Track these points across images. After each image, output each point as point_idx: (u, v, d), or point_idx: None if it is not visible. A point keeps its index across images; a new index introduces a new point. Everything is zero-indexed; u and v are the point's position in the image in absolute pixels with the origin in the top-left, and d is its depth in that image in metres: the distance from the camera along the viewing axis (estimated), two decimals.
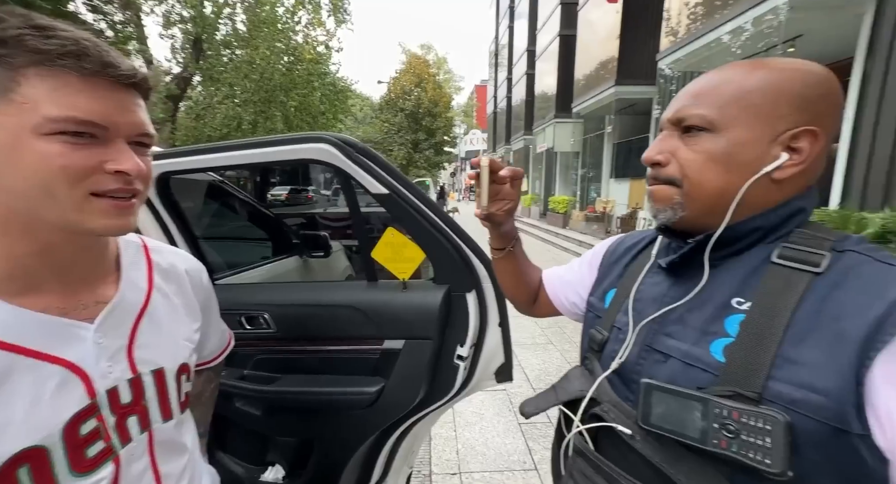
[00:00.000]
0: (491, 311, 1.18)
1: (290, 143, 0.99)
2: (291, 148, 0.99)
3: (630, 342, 0.55)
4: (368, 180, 1.02)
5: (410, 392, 1.12)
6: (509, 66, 20.88)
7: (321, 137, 0.98)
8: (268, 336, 1.23)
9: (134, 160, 0.47)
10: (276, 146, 1.00)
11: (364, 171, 1.00)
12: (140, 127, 0.48)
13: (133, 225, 0.50)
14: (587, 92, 10.37)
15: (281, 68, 12.69)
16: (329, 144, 0.97)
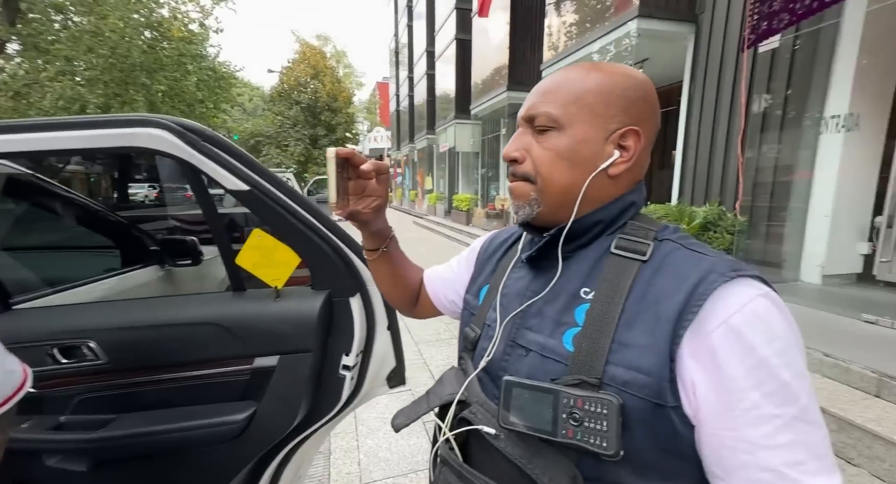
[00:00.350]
0: (378, 314, 1.11)
1: (110, 126, 0.78)
2: (111, 133, 0.79)
3: (497, 338, 0.55)
4: (223, 175, 0.86)
5: (288, 414, 1.00)
6: (410, 65, 20.94)
7: (153, 121, 0.79)
8: (95, 369, 0.98)
9: None
10: (88, 129, 0.78)
11: (216, 163, 0.85)
12: None
13: None
14: (483, 95, 10.93)
15: (141, 44, 10.76)
16: (164, 130, 0.79)
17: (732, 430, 0.39)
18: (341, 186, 0.55)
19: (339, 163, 0.55)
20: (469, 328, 0.62)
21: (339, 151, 0.56)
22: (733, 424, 0.39)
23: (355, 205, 0.61)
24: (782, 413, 0.38)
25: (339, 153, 0.56)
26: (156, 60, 11.21)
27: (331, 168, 0.50)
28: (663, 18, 4.73)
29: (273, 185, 0.91)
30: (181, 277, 2.08)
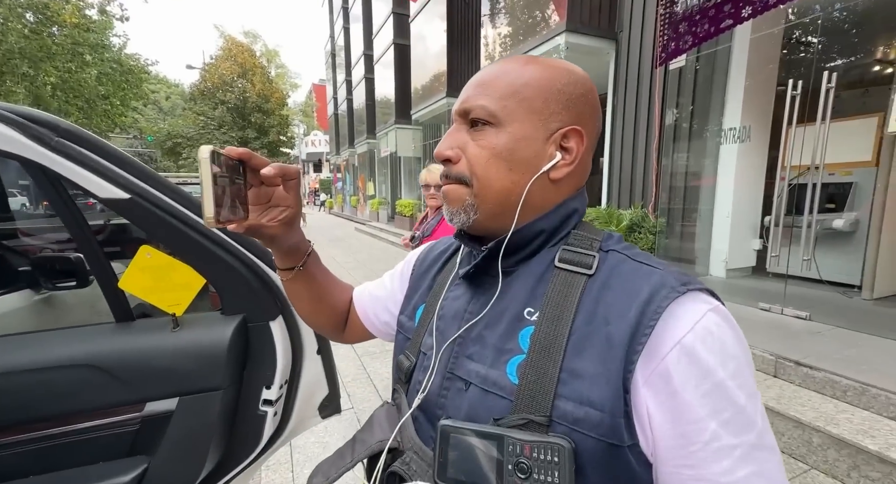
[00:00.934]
0: (306, 338, 0.98)
1: None
2: None
3: (433, 369, 0.47)
4: (90, 180, 0.68)
5: (191, 467, 0.82)
6: (347, 67, 20.38)
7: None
8: None
9: None
10: None
11: (79, 165, 0.67)
12: None
13: None
14: (423, 100, 10.93)
15: (21, 28, 9.22)
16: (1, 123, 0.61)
17: (692, 467, 0.35)
18: (231, 195, 0.43)
19: (230, 167, 0.44)
20: (403, 355, 0.54)
21: (229, 151, 0.44)
22: (693, 461, 0.35)
23: (258, 218, 0.50)
24: (741, 442, 0.35)
25: (232, 153, 0.44)
26: (41, 48, 9.69)
27: (205, 172, 0.38)
28: (588, 34, 5.06)
29: (163, 192, 0.75)
30: (64, 304, 1.73)
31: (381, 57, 14.54)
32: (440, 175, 0.50)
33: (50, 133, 0.64)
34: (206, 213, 0.38)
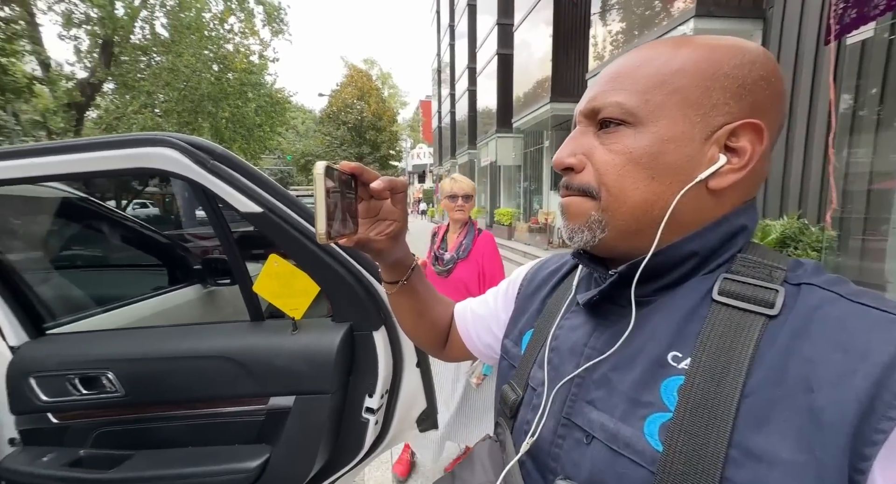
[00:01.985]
0: (406, 350, 0.98)
1: (117, 146, 0.73)
2: (119, 154, 0.74)
3: (545, 411, 0.40)
4: (234, 196, 0.78)
5: (304, 461, 0.88)
6: (452, 82, 21.32)
7: (161, 140, 0.73)
8: (113, 402, 0.93)
9: None
10: (99, 151, 0.73)
11: (227, 184, 0.77)
12: None
13: None
14: (525, 108, 10.77)
15: (209, 77, 11.83)
16: (171, 148, 0.73)
17: None
18: (342, 209, 0.42)
19: (343, 181, 0.43)
20: (508, 386, 0.47)
21: (343, 166, 0.44)
22: None
23: (367, 231, 0.49)
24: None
25: (345, 168, 0.44)
26: (221, 90, 12.24)
27: (319, 188, 0.38)
28: (726, 16, 4.34)
29: (289, 207, 0.82)
30: (223, 297, 2.09)
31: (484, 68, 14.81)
32: (561, 185, 0.42)
33: (207, 157, 0.76)
34: (318, 229, 0.37)
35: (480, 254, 1.79)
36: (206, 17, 11.90)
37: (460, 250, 1.77)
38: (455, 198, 1.77)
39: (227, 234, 0.89)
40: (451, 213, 1.79)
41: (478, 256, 1.78)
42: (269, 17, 13.15)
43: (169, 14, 11.34)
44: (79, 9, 10.08)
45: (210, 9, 12.02)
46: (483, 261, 1.77)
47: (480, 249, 1.80)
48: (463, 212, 1.80)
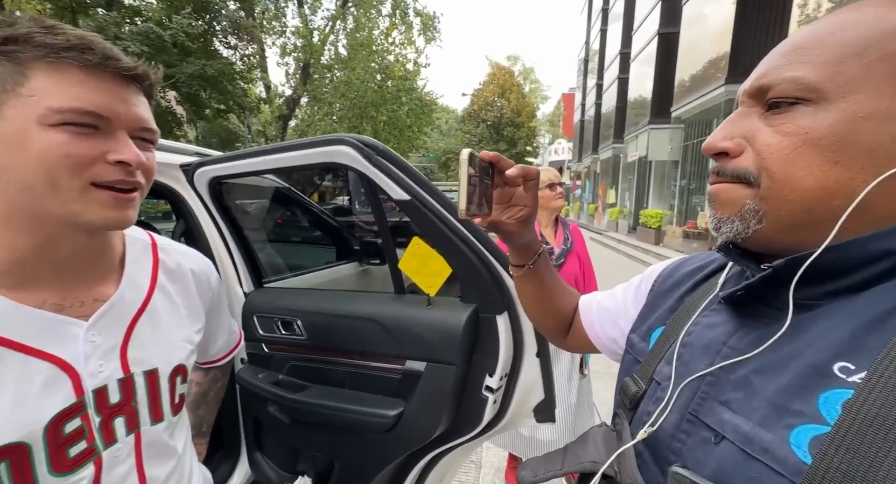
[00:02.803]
0: (527, 338, 1.00)
1: (312, 146, 0.96)
2: (313, 151, 0.96)
3: (668, 404, 0.39)
4: (389, 185, 0.93)
5: (431, 421, 1.00)
6: (600, 71, 19.78)
7: (341, 139, 0.93)
8: (299, 343, 1.22)
9: (134, 150, 0.46)
10: (299, 150, 0.98)
11: (385, 174, 0.92)
12: (142, 121, 0.48)
13: (133, 219, 0.49)
14: (690, 93, 9.27)
15: (373, 86, 13.71)
16: (348, 146, 0.92)
17: None
18: (479, 193, 0.48)
19: (482, 168, 0.49)
20: (630, 379, 0.47)
21: (483, 155, 0.50)
22: None
23: (499, 215, 0.54)
24: None
25: (484, 156, 0.50)
26: (381, 97, 14.07)
27: (463, 172, 0.44)
28: None
29: (431, 196, 0.93)
30: (373, 274, 2.47)
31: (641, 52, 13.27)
32: (710, 171, 0.39)
33: (372, 152, 0.92)
34: (460, 206, 0.44)
35: (580, 244, 1.75)
36: (374, 34, 13.81)
37: (567, 242, 1.71)
38: (554, 186, 1.73)
39: (383, 219, 1.06)
40: (552, 201, 1.71)
41: (579, 247, 1.74)
42: (424, 26, 14.45)
43: (348, 35, 13.55)
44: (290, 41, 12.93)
45: (378, 25, 13.89)
46: (581, 251, 1.74)
47: (579, 239, 1.76)
48: (563, 199, 1.77)
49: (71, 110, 0.42)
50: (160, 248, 0.63)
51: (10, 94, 0.42)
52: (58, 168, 0.42)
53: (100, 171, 0.44)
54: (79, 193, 0.44)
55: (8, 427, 0.43)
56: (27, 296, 0.46)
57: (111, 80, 0.45)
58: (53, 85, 0.42)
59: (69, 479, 0.47)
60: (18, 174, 0.43)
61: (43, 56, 0.42)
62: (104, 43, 0.45)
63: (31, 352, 0.45)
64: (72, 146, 0.43)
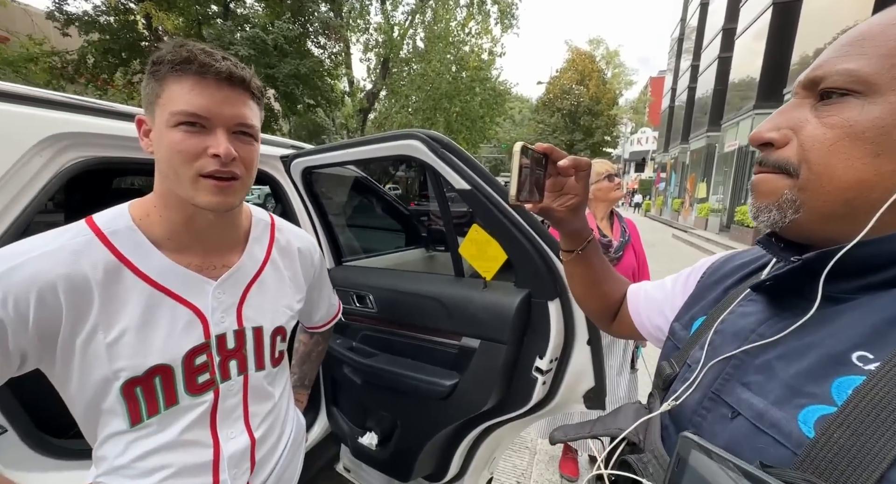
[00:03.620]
0: (578, 325, 1.04)
1: (387, 140, 1.08)
2: (388, 145, 1.08)
3: (694, 382, 0.43)
4: (452, 176, 1.02)
5: (482, 394, 1.09)
6: (696, 51, 17.71)
7: (411, 134, 1.03)
8: (371, 315, 1.38)
9: (226, 145, 0.55)
10: (376, 144, 1.11)
11: (448, 166, 1.01)
12: (237, 118, 0.57)
13: (233, 203, 0.59)
14: None
15: (448, 78, 13.86)
16: (417, 140, 1.02)
17: None
18: (531, 182, 0.54)
19: (535, 158, 0.55)
20: (666, 363, 0.50)
21: (537, 146, 0.56)
22: None
23: (550, 202, 0.60)
24: None
25: (538, 148, 0.56)
26: (455, 89, 14.18)
27: (515, 162, 0.51)
28: None
29: (490, 186, 1.00)
30: (437, 259, 2.61)
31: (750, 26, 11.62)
32: (755, 161, 0.41)
33: (438, 145, 1.02)
34: (511, 193, 0.51)
35: (636, 238, 1.74)
36: (451, 26, 13.89)
37: (625, 235, 1.70)
38: (612, 177, 1.69)
39: (447, 208, 1.17)
40: (610, 192, 1.68)
41: (635, 241, 1.72)
42: (502, 14, 14.15)
43: (426, 28, 13.82)
44: (373, 37, 13.59)
45: (456, 16, 13.93)
46: (637, 244, 1.73)
47: (634, 233, 1.74)
48: (621, 190, 1.74)
49: (180, 113, 0.53)
50: (277, 227, 0.76)
51: (156, 105, 0.55)
52: (176, 160, 0.54)
53: (203, 163, 0.55)
54: (191, 181, 0.55)
55: (162, 352, 0.58)
56: (180, 258, 0.60)
57: (213, 85, 0.54)
58: (174, 93, 0.53)
59: (197, 399, 0.62)
60: (161, 164, 0.56)
61: (170, 70, 0.53)
62: (207, 52, 0.54)
63: (179, 299, 0.60)
64: (183, 143, 0.53)
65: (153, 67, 0.55)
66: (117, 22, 8.66)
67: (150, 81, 0.56)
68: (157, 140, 0.56)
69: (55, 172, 0.87)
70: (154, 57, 0.55)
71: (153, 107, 0.56)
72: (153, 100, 0.55)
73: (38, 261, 0.51)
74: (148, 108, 0.57)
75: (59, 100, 0.93)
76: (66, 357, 0.54)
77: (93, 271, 0.54)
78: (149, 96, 0.56)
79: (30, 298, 0.50)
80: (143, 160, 1.04)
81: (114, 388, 0.56)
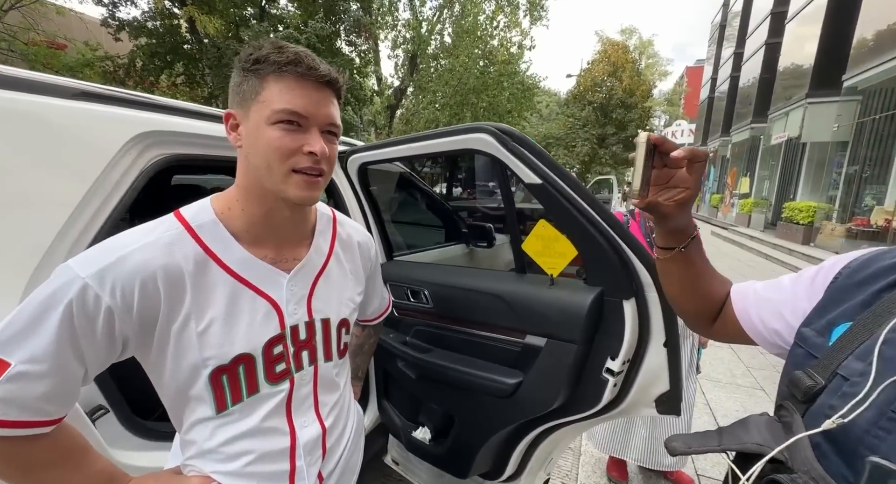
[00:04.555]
0: (654, 326, 0.99)
1: (453, 134, 1.06)
2: (453, 139, 1.06)
3: (866, 401, 0.38)
4: (522, 170, 0.99)
5: (548, 394, 1.06)
6: (741, 37, 16.71)
7: (481, 127, 1.01)
8: (426, 310, 1.38)
9: (322, 144, 0.58)
10: (440, 138, 1.09)
11: (519, 160, 0.99)
12: (329, 118, 0.59)
13: (318, 198, 0.62)
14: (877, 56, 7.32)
15: (476, 73, 13.72)
16: (487, 134, 1.00)
17: None
18: (646, 175, 0.51)
19: (648, 149, 0.52)
20: (804, 373, 0.46)
21: (650, 137, 0.52)
22: None
23: (656, 196, 0.56)
24: None
25: (651, 138, 0.52)
26: (483, 83, 14.03)
27: (640, 154, 0.47)
28: None
29: (562, 180, 0.97)
30: (478, 255, 2.59)
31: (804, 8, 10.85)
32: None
33: (508, 139, 0.99)
34: (634, 187, 0.48)
35: None
36: (479, 20, 13.71)
37: None
38: None
39: (512, 203, 1.14)
40: None
41: None
42: (531, 5, 13.84)
43: (453, 23, 13.71)
44: (401, 34, 13.63)
45: (484, 10, 13.75)
46: None
47: None
48: None
49: (283, 111, 0.55)
50: (338, 222, 0.78)
51: (254, 101, 0.56)
52: (273, 156, 0.56)
53: (297, 160, 0.57)
54: (283, 176, 0.57)
55: (245, 341, 0.60)
56: (257, 250, 0.62)
57: (312, 87, 0.57)
58: (277, 93, 0.55)
59: (275, 388, 0.64)
60: (253, 159, 0.58)
61: (273, 70, 0.55)
62: (311, 56, 0.57)
63: (258, 291, 0.61)
64: (281, 140, 0.56)
65: (254, 65, 0.56)
66: (163, 26, 9.10)
67: (250, 78, 0.57)
68: (252, 135, 0.57)
69: (141, 170, 0.91)
70: (255, 55, 0.57)
71: (249, 103, 0.57)
72: (251, 96, 0.57)
73: (141, 252, 0.53)
74: (242, 104, 0.58)
75: (141, 100, 0.97)
76: (161, 345, 0.56)
77: (185, 263, 0.56)
78: (245, 92, 0.57)
79: (134, 286, 0.52)
80: (215, 157, 1.08)
81: (202, 375, 0.58)
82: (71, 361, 0.50)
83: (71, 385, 0.52)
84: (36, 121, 0.77)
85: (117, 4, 8.80)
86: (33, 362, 0.48)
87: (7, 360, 0.47)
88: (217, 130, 1.05)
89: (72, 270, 0.50)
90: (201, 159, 1.06)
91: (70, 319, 0.49)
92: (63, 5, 8.96)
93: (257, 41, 0.60)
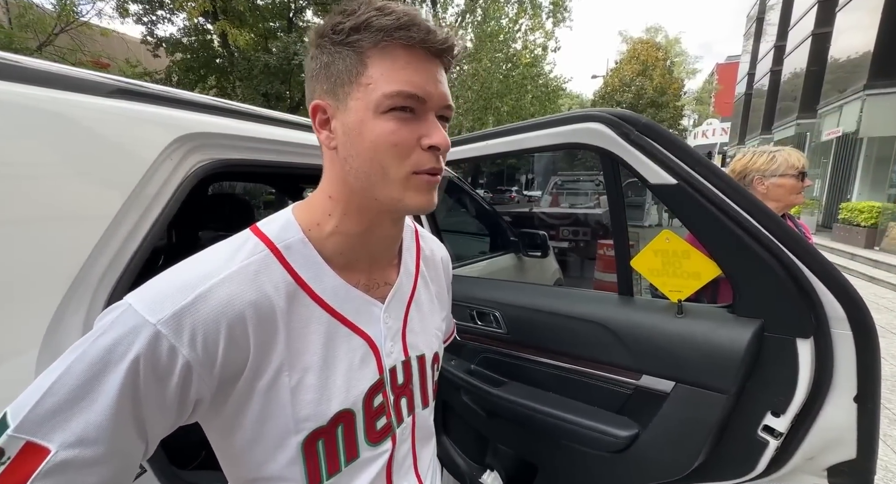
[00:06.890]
0: (841, 372, 0.73)
1: (555, 124, 0.85)
2: (554, 131, 0.86)
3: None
4: (650, 167, 0.77)
5: (681, 455, 0.82)
6: (782, 29, 15.84)
7: (591, 116, 0.80)
8: (497, 336, 1.16)
9: (443, 134, 0.44)
10: (541, 130, 0.88)
11: (645, 154, 0.77)
12: (446, 99, 0.45)
13: (437, 203, 0.48)
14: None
15: (499, 76, 13.52)
16: (600, 123, 0.78)
17: None
18: None
19: None
20: None
21: None
22: None
23: None
24: None
25: None
26: (506, 87, 13.80)
27: None
28: None
29: (709, 179, 0.74)
30: (526, 266, 2.35)
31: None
32: None
33: (632, 128, 0.77)
34: None
35: None
36: (502, 23, 13.54)
37: None
38: (804, 176, 1.32)
39: (622, 211, 0.91)
40: (794, 195, 1.33)
41: None
42: (554, 7, 13.57)
43: (475, 27, 13.59)
44: None
45: (507, 13, 13.57)
46: None
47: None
48: (802, 195, 1.37)
49: (398, 94, 0.41)
50: (420, 235, 0.62)
51: (354, 86, 0.42)
52: (388, 157, 0.42)
53: (417, 159, 0.43)
54: (403, 180, 0.43)
55: (345, 394, 0.46)
56: (350, 276, 0.48)
57: (424, 58, 0.43)
58: (385, 70, 0.41)
59: (377, 450, 0.49)
60: (358, 163, 0.43)
61: (378, 41, 0.41)
62: (422, 18, 0.42)
63: (354, 328, 0.47)
64: (398, 134, 0.42)
65: (350, 36, 0.41)
66: (197, 41, 9.40)
67: (344, 54, 0.42)
68: (354, 131, 0.42)
69: (183, 177, 0.75)
70: (350, 23, 0.41)
71: (346, 88, 0.42)
72: (349, 78, 0.42)
73: (224, 286, 0.40)
74: (333, 92, 0.43)
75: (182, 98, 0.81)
76: (239, 406, 0.42)
77: (276, 297, 0.43)
78: (339, 74, 0.43)
79: (220, 333, 0.39)
80: (266, 162, 0.92)
81: (293, 443, 0.44)
82: (132, 439, 0.37)
83: (128, 471, 0.38)
84: (67, 121, 0.62)
85: (156, 22, 9.17)
86: (83, 445, 0.34)
87: (45, 445, 0.33)
88: (267, 132, 0.90)
89: (137, 315, 0.36)
90: (250, 165, 0.89)
91: (135, 381, 0.35)
92: (107, 27, 9.42)
93: (338, 4, 0.44)
